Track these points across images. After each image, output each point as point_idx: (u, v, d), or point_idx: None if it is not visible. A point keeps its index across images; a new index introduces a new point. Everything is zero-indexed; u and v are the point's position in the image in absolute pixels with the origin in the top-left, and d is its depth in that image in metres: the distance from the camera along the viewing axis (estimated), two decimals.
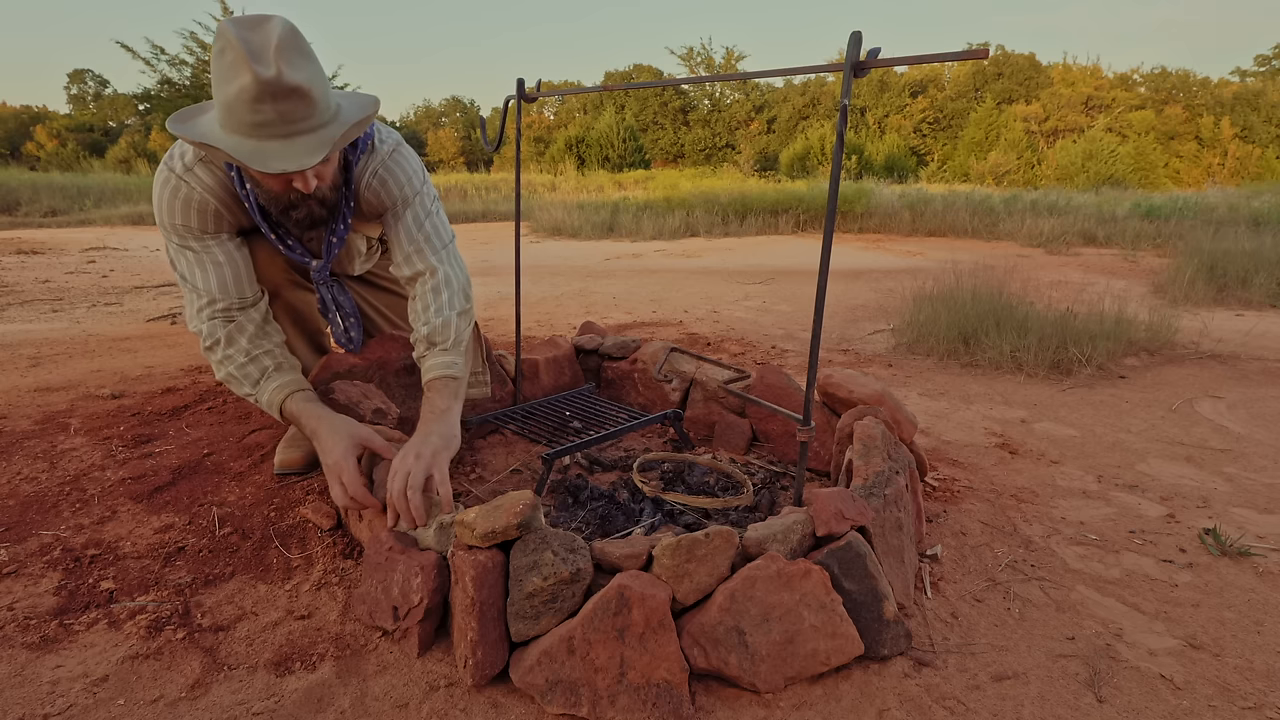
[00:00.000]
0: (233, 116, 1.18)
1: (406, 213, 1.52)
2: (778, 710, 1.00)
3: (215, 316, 1.44)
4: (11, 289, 4.36)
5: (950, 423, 2.19)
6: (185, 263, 1.44)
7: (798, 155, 22.62)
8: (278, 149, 1.20)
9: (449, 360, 1.47)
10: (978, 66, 30.03)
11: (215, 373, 1.47)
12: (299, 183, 1.27)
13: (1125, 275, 5.43)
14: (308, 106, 1.19)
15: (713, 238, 8.29)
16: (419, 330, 1.50)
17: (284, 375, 1.46)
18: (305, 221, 1.39)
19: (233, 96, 1.16)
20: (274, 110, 1.16)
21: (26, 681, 1.02)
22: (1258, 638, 1.17)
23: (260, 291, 1.52)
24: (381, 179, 1.49)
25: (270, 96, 1.15)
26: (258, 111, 1.16)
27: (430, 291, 1.51)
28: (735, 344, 3.13)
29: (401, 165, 1.51)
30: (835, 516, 1.12)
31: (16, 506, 1.52)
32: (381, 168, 1.48)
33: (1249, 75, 33.53)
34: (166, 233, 1.44)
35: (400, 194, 1.51)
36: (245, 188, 1.37)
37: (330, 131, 1.23)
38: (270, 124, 1.18)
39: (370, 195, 1.50)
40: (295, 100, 1.17)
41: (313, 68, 1.22)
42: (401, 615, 1.10)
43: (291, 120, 1.19)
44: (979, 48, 0.98)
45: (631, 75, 36.83)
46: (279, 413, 1.45)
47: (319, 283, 1.58)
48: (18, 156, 27.49)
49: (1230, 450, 1.98)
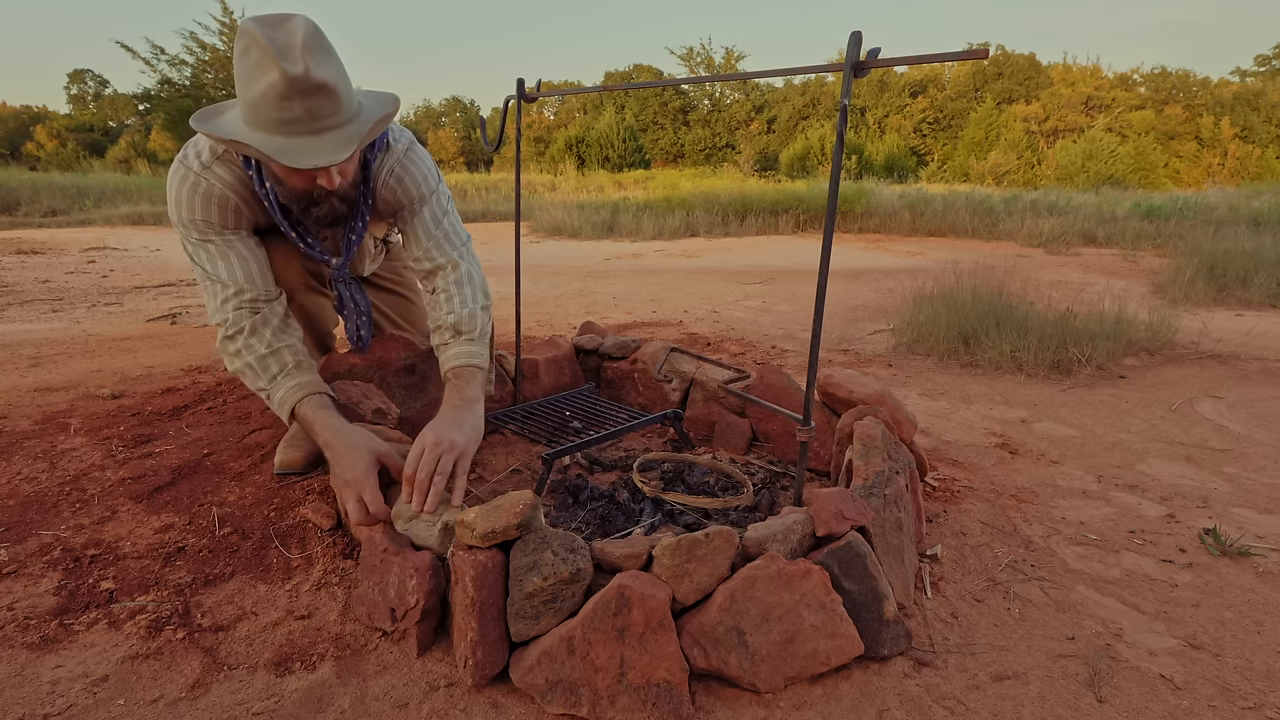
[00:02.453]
0: (260, 114, 1.18)
1: (424, 209, 1.54)
2: (778, 710, 1.00)
3: (241, 306, 1.41)
4: (11, 289, 4.36)
5: (950, 423, 2.19)
6: (207, 256, 1.42)
7: (798, 155, 22.63)
8: (306, 145, 1.21)
9: (475, 350, 1.48)
10: (978, 66, 30.03)
11: (228, 364, 1.44)
12: (323, 180, 1.28)
13: (1125, 275, 5.43)
14: (334, 103, 1.21)
15: (713, 238, 8.29)
16: (443, 319, 1.50)
17: (303, 375, 1.43)
18: (327, 218, 1.39)
19: (260, 94, 1.16)
20: (302, 107, 1.17)
21: (26, 681, 1.02)
22: (1258, 638, 1.17)
23: (279, 290, 1.50)
24: (399, 177, 1.50)
25: (298, 93, 1.16)
26: (286, 109, 1.17)
27: (454, 284, 1.52)
28: (735, 344, 3.13)
29: (417, 164, 1.52)
30: (835, 516, 1.12)
31: (16, 506, 1.52)
32: (398, 166, 1.49)
33: (1249, 75, 33.53)
34: (185, 229, 1.42)
35: (417, 191, 1.52)
36: (265, 185, 1.37)
37: (356, 128, 1.24)
38: (298, 121, 1.18)
39: (387, 193, 1.50)
40: (322, 97, 1.18)
41: (336, 65, 1.23)
42: (399, 617, 1.10)
43: (319, 117, 1.20)
44: (979, 48, 0.98)
45: (631, 75, 36.83)
46: (289, 413, 1.41)
47: (338, 280, 1.58)
48: (18, 156, 27.50)
49: (1230, 450, 1.98)
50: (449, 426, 1.29)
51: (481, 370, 1.46)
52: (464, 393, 1.40)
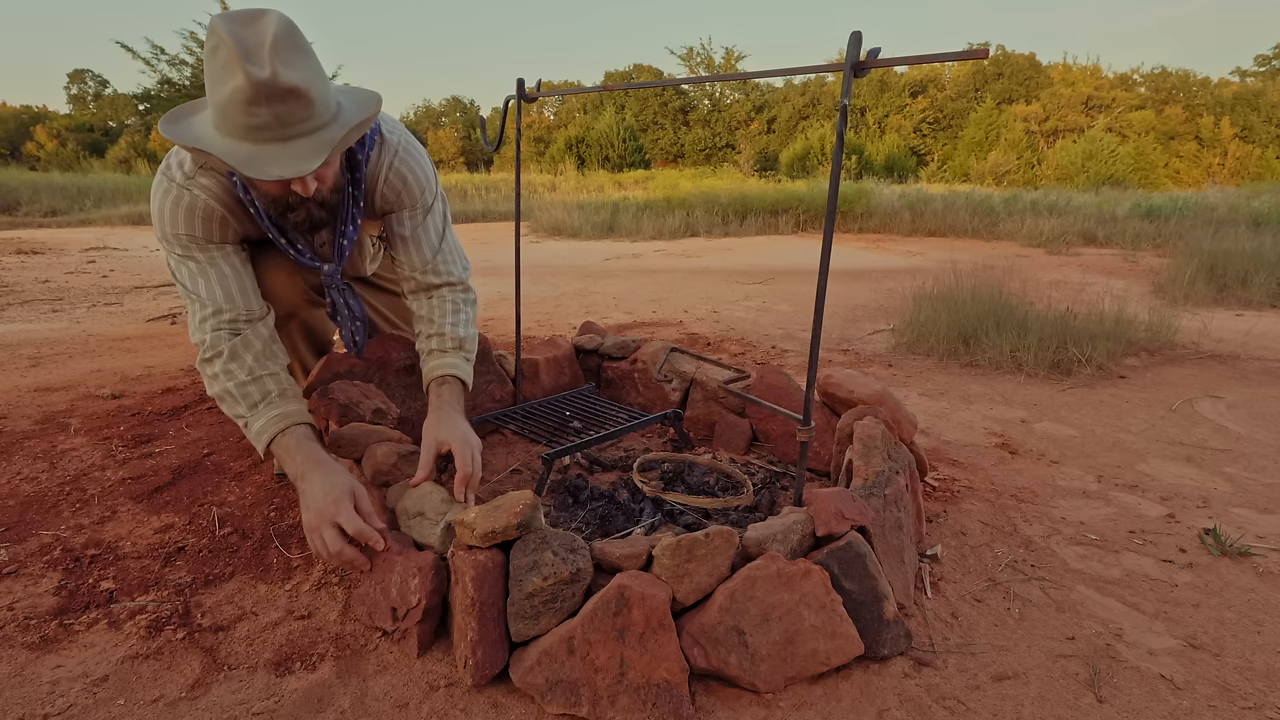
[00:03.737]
0: (227, 119, 1.12)
1: (428, 219, 1.53)
2: (778, 710, 1.00)
3: (221, 328, 1.34)
4: (11, 289, 4.36)
5: (950, 423, 2.19)
6: (187, 273, 1.35)
7: (798, 155, 22.62)
8: (275, 153, 1.13)
9: (469, 370, 1.53)
10: (978, 66, 30.03)
11: (208, 387, 1.36)
12: (297, 186, 1.21)
13: (1125, 275, 5.43)
14: (306, 108, 1.13)
15: (713, 238, 8.29)
16: (448, 329, 1.52)
17: (287, 404, 1.34)
18: (305, 224, 1.34)
19: (226, 98, 1.10)
20: (270, 113, 1.10)
21: (26, 681, 1.02)
22: (1258, 638, 1.17)
23: (266, 307, 1.43)
24: (401, 175, 1.46)
25: (265, 99, 1.09)
26: (253, 115, 1.10)
27: (464, 303, 1.57)
28: (735, 344, 3.13)
29: (419, 162, 1.49)
30: (835, 516, 1.12)
31: (16, 506, 1.52)
32: (399, 163, 1.45)
33: (1249, 75, 33.52)
34: (169, 244, 1.36)
35: (421, 196, 1.50)
36: (249, 193, 1.31)
37: (330, 133, 1.17)
38: (266, 127, 1.11)
39: (389, 191, 1.46)
40: (292, 102, 1.11)
41: (311, 66, 1.16)
42: (400, 616, 1.10)
43: (289, 123, 1.13)
44: (979, 48, 0.98)
45: (631, 75, 36.82)
46: (266, 444, 1.31)
47: (330, 287, 1.53)
48: (18, 156, 27.48)
49: (1230, 450, 1.98)
50: (469, 428, 1.37)
51: (468, 389, 1.53)
52: (459, 404, 1.45)
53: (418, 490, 1.25)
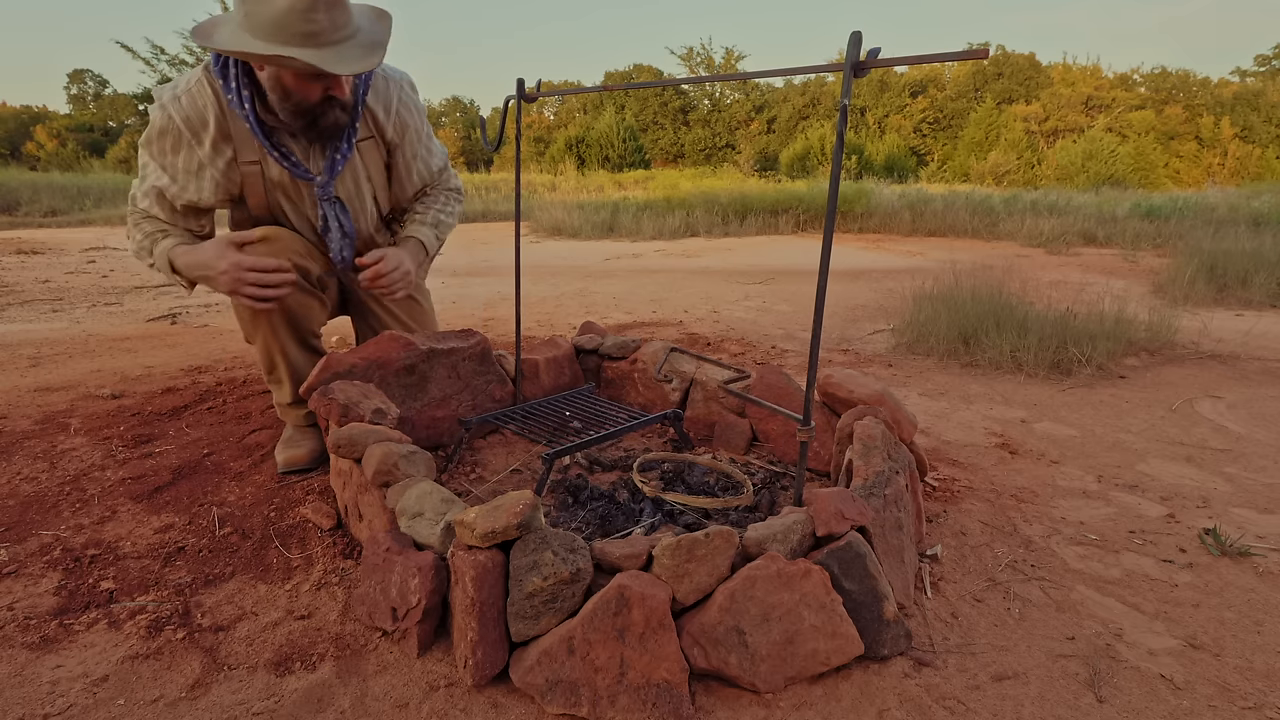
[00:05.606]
0: (283, 29, 1.29)
1: (432, 142, 1.83)
2: (778, 710, 1.00)
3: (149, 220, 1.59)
4: (11, 289, 4.36)
5: (950, 423, 2.19)
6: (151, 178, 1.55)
7: (798, 155, 22.62)
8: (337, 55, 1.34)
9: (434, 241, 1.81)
10: (978, 66, 30.03)
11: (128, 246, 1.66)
12: (335, 90, 1.43)
13: (1125, 275, 5.43)
14: (347, 15, 1.35)
15: (713, 238, 8.29)
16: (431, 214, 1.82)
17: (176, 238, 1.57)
18: (332, 128, 1.51)
19: (284, 9, 1.28)
20: (327, 18, 1.30)
21: (26, 681, 1.03)
22: (1258, 638, 1.17)
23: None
24: (408, 107, 1.70)
25: (324, 6, 1.29)
26: (312, 21, 1.29)
27: (453, 200, 1.89)
28: (735, 344, 3.13)
29: (414, 98, 1.74)
30: (835, 516, 1.12)
31: (16, 506, 1.52)
32: (405, 96, 1.69)
33: (1249, 75, 33.52)
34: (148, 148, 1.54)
35: (423, 125, 1.77)
36: (245, 107, 1.46)
37: (373, 35, 1.40)
38: (324, 32, 1.31)
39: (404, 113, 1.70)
40: (340, 9, 1.32)
41: None
42: (400, 616, 1.10)
43: (340, 27, 1.34)
44: (979, 48, 0.98)
45: (631, 75, 36.82)
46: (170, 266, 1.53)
47: (322, 199, 1.65)
48: (18, 156, 27.47)
49: (1230, 450, 1.98)
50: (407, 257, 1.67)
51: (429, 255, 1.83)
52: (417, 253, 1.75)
53: (418, 490, 1.25)
